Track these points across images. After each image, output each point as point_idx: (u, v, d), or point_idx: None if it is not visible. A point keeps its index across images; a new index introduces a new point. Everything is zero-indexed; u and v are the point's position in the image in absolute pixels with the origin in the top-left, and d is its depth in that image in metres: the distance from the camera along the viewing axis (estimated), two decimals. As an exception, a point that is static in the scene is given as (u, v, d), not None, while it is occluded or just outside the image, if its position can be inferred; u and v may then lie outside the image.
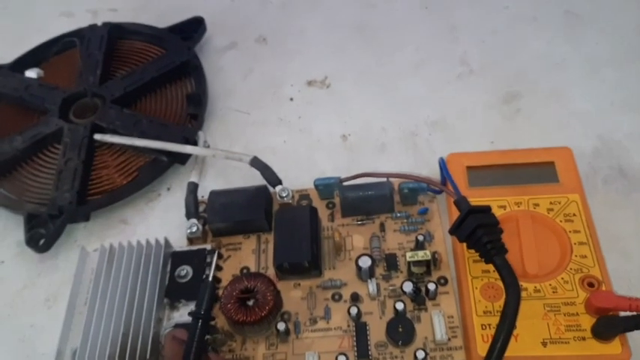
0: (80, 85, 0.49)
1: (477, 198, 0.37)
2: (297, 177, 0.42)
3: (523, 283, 0.34)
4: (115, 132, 0.46)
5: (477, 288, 0.34)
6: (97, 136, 0.45)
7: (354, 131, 0.46)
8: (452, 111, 0.46)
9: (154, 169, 0.44)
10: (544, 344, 0.32)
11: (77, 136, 0.45)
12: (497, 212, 0.37)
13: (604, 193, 0.40)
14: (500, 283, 0.33)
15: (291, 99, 0.49)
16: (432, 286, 0.35)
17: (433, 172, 0.41)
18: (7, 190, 0.44)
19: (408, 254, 0.36)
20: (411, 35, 0.52)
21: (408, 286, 0.35)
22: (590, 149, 0.42)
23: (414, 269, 0.36)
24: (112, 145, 0.46)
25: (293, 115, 0.48)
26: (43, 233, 0.41)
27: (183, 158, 0.45)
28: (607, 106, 0.45)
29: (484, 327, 0.33)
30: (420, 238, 0.37)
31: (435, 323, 0.34)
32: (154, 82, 0.49)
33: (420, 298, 0.35)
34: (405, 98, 0.47)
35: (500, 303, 0.33)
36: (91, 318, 0.35)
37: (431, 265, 0.36)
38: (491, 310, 0.34)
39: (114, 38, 0.53)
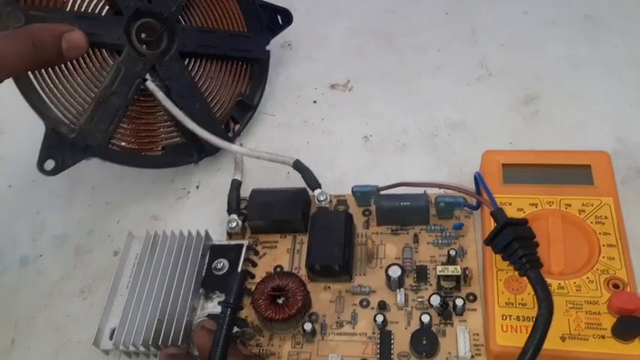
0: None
1: (509, 194, 0.38)
2: (319, 176, 0.43)
3: (547, 279, 0.34)
4: (168, 92, 0.43)
5: (501, 280, 0.35)
6: (150, 85, 0.43)
7: (376, 132, 0.47)
8: (471, 112, 0.47)
9: (178, 155, 0.45)
10: (563, 339, 0.33)
11: (132, 72, 0.42)
12: (529, 210, 0.38)
13: (622, 193, 0.40)
14: (525, 278, 0.34)
15: (315, 101, 0.51)
16: (459, 302, 0.35)
17: (452, 172, 0.43)
18: (45, 93, 0.40)
19: (439, 268, 0.36)
20: (431, 39, 0.53)
21: (436, 300, 0.35)
22: (609, 150, 0.42)
23: (444, 283, 0.37)
24: (154, 101, 0.44)
25: (316, 117, 0.49)
26: (57, 160, 0.39)
27: (211, 150, 0.46)
28: (625, 107, 0.45)
29: (504, 317, 0.34)
30: (452, 252, 0.37)
31: (459, 339, 0.35)
32: (223, 57, 0.48)
33: (447, 312, 0.36)
34: (425, 100, 0.49)
35: (522, 296, 0.34)
36: (130, 301, 0.37)
37: (461, 280, 0.36)
38: (513, 302, 0.34)
39: None
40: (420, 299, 0.37)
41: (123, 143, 0.43)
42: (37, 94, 0.40)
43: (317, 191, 0.41)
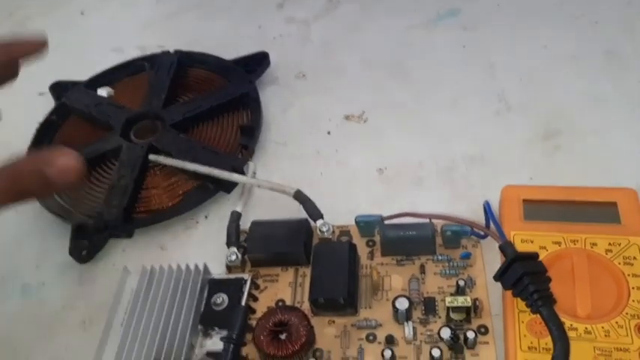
0: (144, 108, 0.51)
1: (531, 232, 0.36)
2: (332, 208, 0.42)
3: (573, 323, 0.33)
4: (169, 155, 0.47)
5: (523, 322, 0.33)
6: (152, 157, 0.47)
7: (391, 165, 0.46)
8: (489, 146, 0.46)
9: (199, 195, 0.45)
10: (590, 388, 0.31)
11: (133, 155, 0.47)
12: (552, 248, 0.36)
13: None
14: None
15: (329, 133, 0.50)
16: (471, 335, 0.34)
17: (470, 207, 0.41)
18: (63, 199, 0.46)
19: (448, 299, 0.35)
20: (448, 72, 0.52)
21: (446, 333, 0.34)
22: (634, 187, 0.41)
23: (453, 315, 0.35)
24: (163, 166, 0.47)
25: (330, 149, 0.48)
26: (86, 245, 0.43)
27: (229, 187, 0.46)
28: (650, 144, 0.44)
29: (527, 363, 0.32)
30: (461, 283, 0.36)
31: (472, 375, 0.33)
32: (212, 111, 0.51)
33: (457, 346, 0.34)
34: (441, 133, 0.48)
35: (546, 340, 0.32)
36: (125, 339, 0.36)
37: (471, 312, 0.35)
38: (536, 347, 0.32)
39: (183, 65, 0.55)
40: (429, 332, 0.35)
41: (148, 208, 0.45)
42: (59, 205, 0.46)
43: (319, 222, 0.40)
